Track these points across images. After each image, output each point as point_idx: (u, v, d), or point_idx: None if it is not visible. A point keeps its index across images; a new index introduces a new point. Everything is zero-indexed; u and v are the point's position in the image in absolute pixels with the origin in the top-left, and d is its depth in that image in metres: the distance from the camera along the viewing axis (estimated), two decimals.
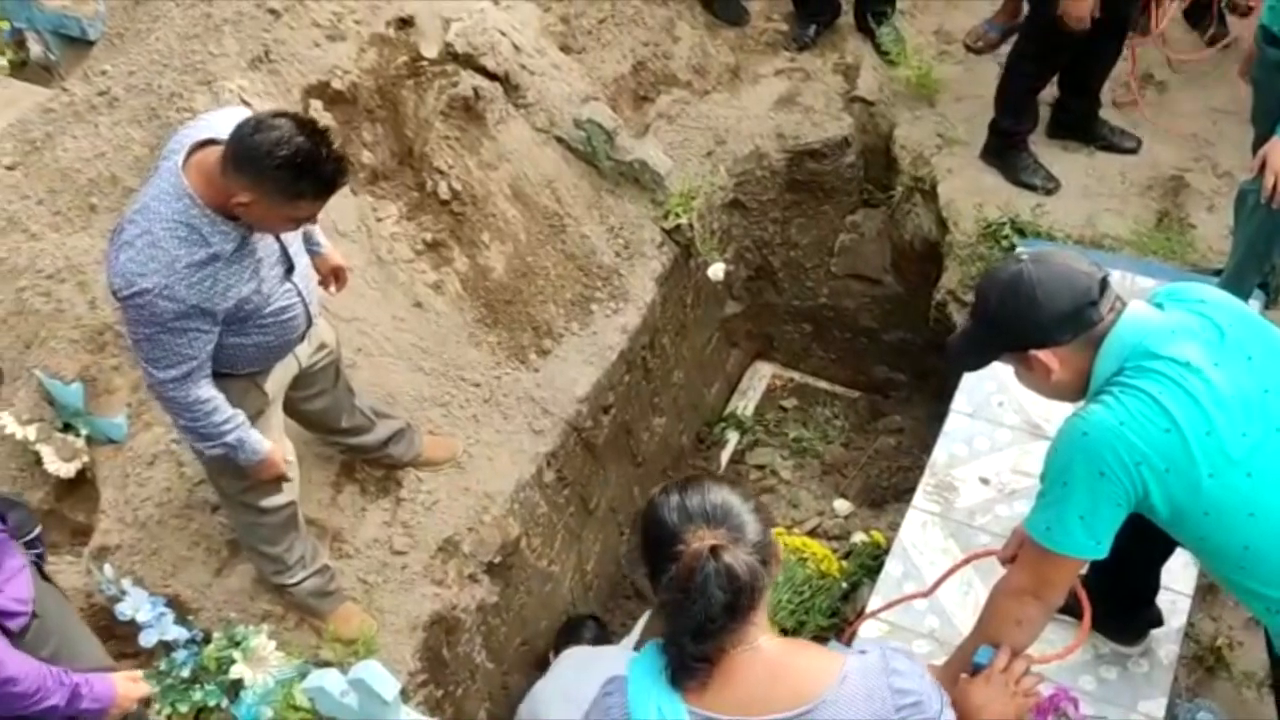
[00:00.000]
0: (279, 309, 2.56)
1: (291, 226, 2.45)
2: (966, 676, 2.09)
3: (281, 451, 2.75)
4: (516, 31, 4.05)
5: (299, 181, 2.26)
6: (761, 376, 5.06)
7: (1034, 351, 1.98)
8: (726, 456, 4.75)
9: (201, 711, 2.93)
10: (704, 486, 1.59)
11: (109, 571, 3.04)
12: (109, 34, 3.92)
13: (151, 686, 2.70)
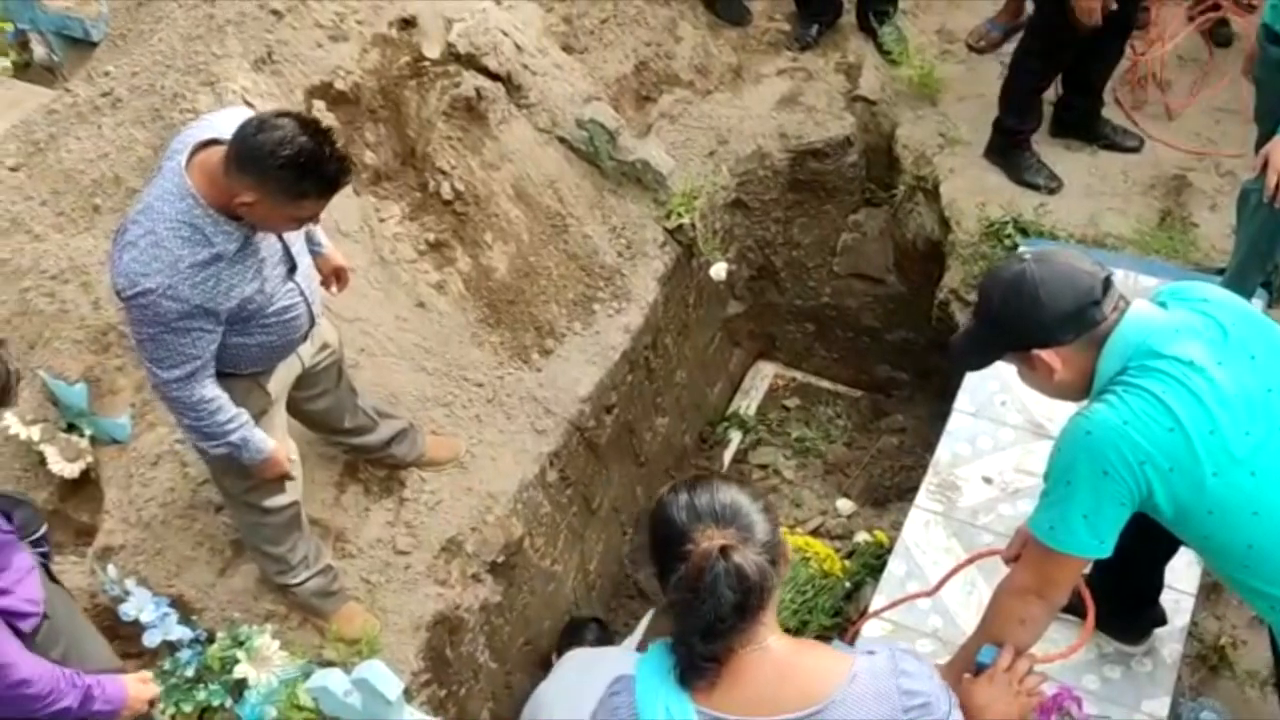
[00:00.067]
0: (282, 309, 2.57)
1: (294, 226, 2.45)
2: (970, 676, 2.09)
3: (285, 451, 2.75)
4: (519, 31, 4.05)
5: (302, 181, 2.26)
6: (764, 376, 5.06)
7: (1037, 351, 1.98)
8: (729, 456, 4.75)
9: (205, 711, 2.94)
10: (713, 486, 1.59)
11: (113, 572, 3.04)
12: (112, 35, 3.92)
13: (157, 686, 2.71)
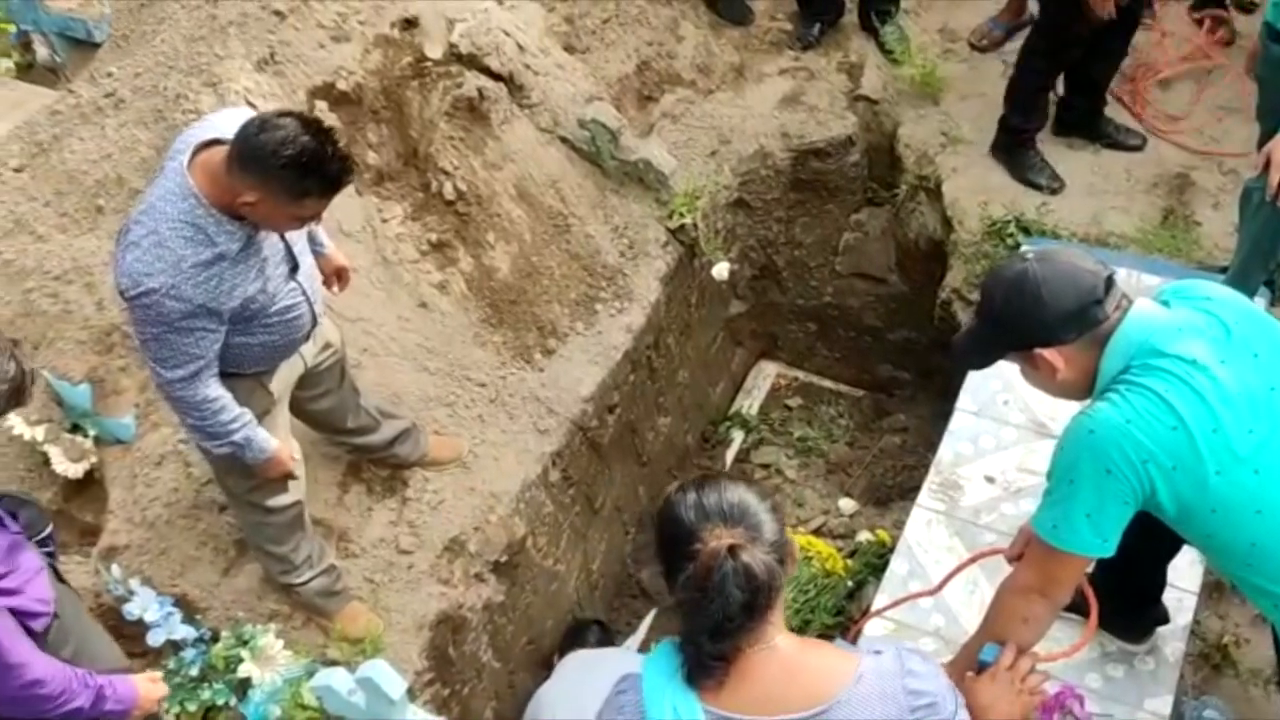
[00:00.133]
0: (284, 308, 2.57)
1: (297, 225, 2.45)
2: (972, 675, 2.09)
3: (288, 450, 2.76)
4: (521, 32, 4.05)
5: (304, 180, 2.26)
6: (766, 375, 5.05)
7: (1039, 350, 1.98)
8: (731, 455, 4.74)
9: (210, 710, 2.94)
10: (721, 485, 1.58)
11: (117, 571, 3.05)
12: (115, 36, 3.93)
13: None
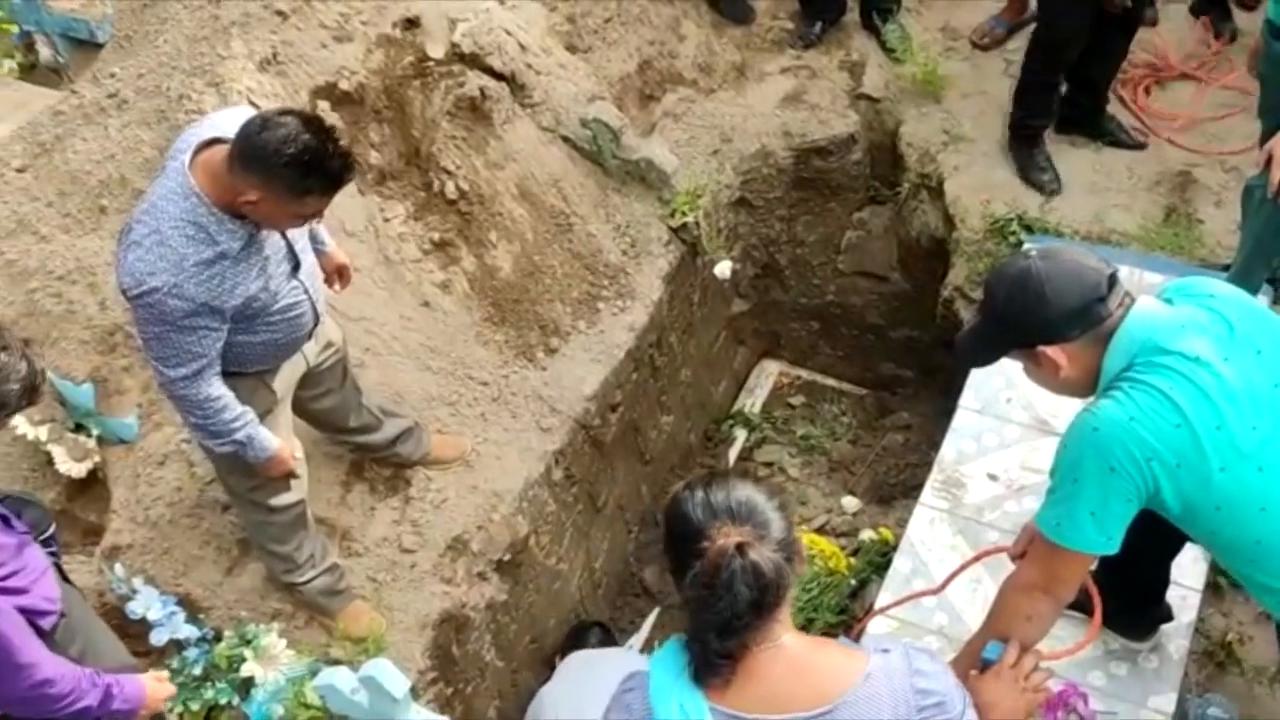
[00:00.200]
0: (286, 306, 2.57)
1: (299, 223, 2.46)
2: (976, 672, 2.08)
3: (290, 449, 2.76)
4: (522, 31, 4.05)
5: (306, 178, 2.27)
6: (769, 374, 5.05)
7: (1042, 348, 1.97)
8: (734, 454, 4.74)
9: (213, 709, 2.95)
10: (729, 483, 1.58)
11: (120, 570, 3.05)
12: (117, 36, 3.94)
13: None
